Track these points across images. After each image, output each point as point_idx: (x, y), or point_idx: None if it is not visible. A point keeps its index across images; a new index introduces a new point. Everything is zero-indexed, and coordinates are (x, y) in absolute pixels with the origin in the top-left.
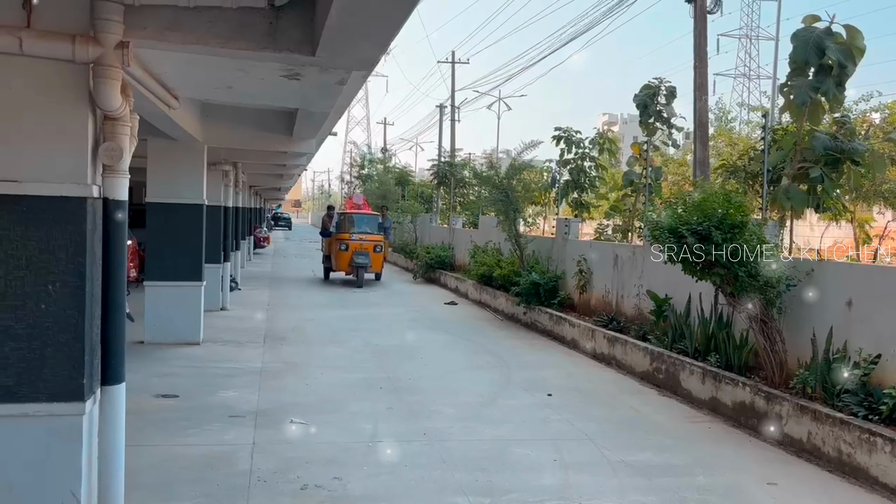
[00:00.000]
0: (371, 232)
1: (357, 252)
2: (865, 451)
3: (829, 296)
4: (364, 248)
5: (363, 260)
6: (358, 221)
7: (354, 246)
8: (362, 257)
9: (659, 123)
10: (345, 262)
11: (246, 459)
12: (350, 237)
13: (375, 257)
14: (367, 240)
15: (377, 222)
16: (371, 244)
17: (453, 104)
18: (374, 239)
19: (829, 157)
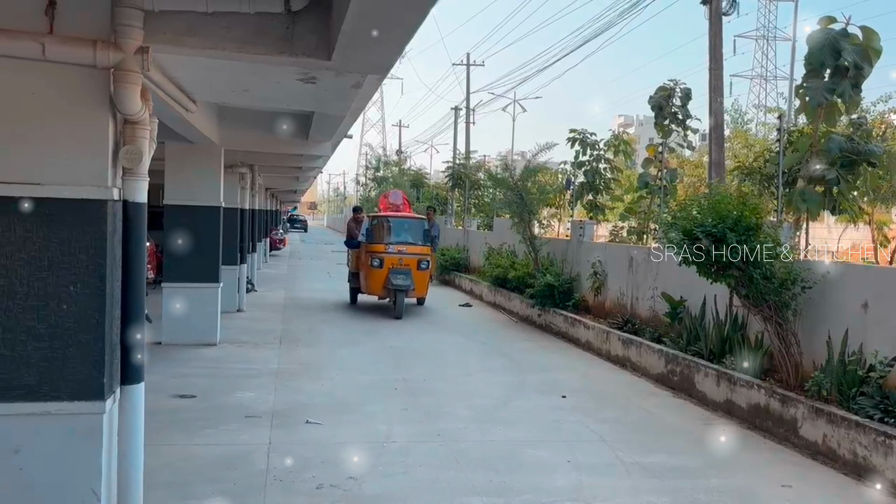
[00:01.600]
0: (414, 242)
1: (394, 270)
2: (881, 453)
3: (845, 298)
4: (404, 264)
5: (402, 281)
6: (396, 228)
7: (391, 261)
8: (401, 277)
9: (674, 125)
10: (377, 284)
11: (262, 459)
12: (385, 249)
13: (419, 277)
14: (409, 252)
15: (422, 228)
16: (414, 259)
17: (468, 106)
18: (418, 251)
19: (844, 159)
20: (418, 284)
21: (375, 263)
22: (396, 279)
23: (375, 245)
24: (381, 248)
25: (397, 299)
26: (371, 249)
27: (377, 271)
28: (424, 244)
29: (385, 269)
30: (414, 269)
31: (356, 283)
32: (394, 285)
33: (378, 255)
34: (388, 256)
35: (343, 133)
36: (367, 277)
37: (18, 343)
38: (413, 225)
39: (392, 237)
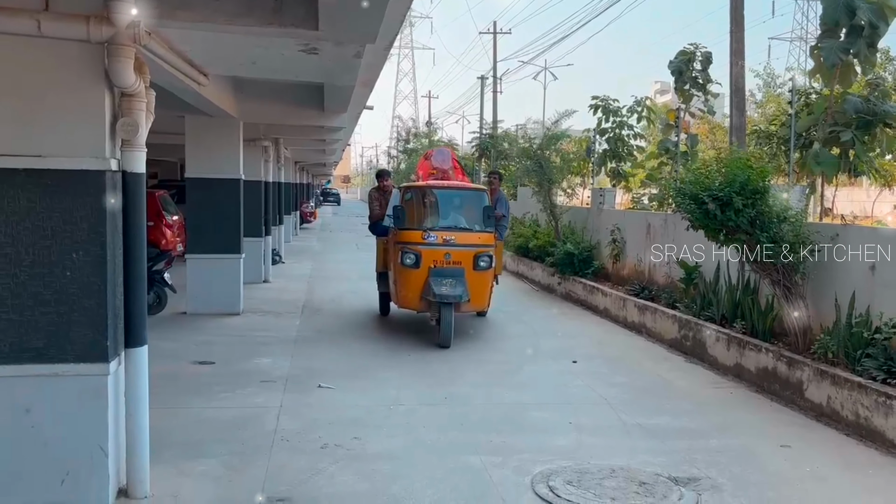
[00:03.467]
0: (469, 227)
1: (438, 272)
2: (882, 414)
3: (853, 260)
4: (453, 261)
5: (450, 288)
6: (442, 204)
7: (433, 257)
8: (448, 282)
9: (695, 90)
10: (412, 292)
11: (272, 421)
12: (423, 238)
13: (477, 281)
14: (461, 243)
15: (482, 205)
16: (468, 253)
17: (495, 75)
18: (476, 241)
19: (860, 120)
20: (476, 292)
21: (409, 261)
22: (441, 286)
23: (408, 232)
24: (416, 236)
25: (442, 318)
26: (402, 239)
27: (411, 273)
28: (485, 229)
29: (423, 269)
30: (469, 268)
31: (386, 286)
32: (437, 295)
33: (412, 247)
34: (427, 250)
35: (360, 104)
36: (397, 282)
37: (26, 308)
38: (468, 199)
39: (435, 219)
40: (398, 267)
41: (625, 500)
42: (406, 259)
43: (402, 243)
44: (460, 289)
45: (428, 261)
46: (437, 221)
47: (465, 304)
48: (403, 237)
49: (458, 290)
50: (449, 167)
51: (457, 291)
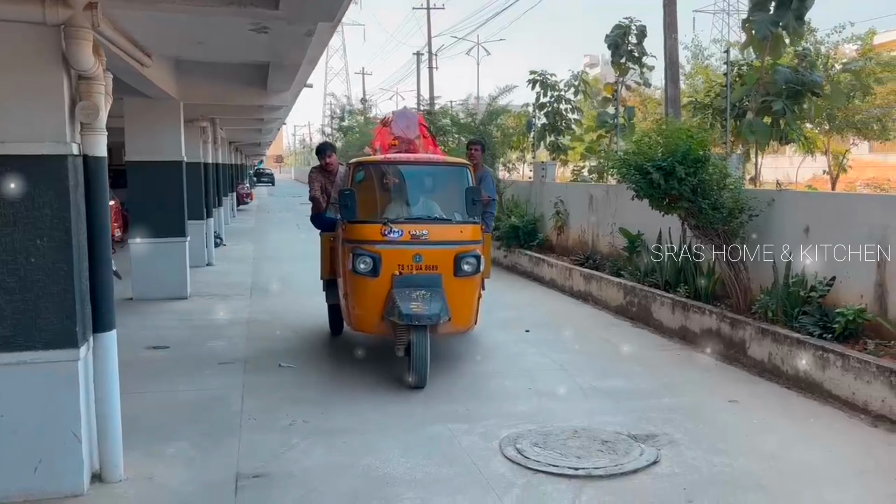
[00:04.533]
0: (447, 217)
1: (404, 280)
2: (819, 367)
3: (789, 224)
4: (426, 266)
5: (422, 304)
6: (410, 184)
7: (397, 261)
8: (420, 295)
9: (630, 63)
10: (370, 310)
11: (237, 401)
12: (385, 233)
13: (460, 290)
14: (436, 240)
15: (464, 186)
16: (448, 252)
17: (430, 51)
18: (458, 236)
19: (790, 90)
20: (459, 306)
21: (363, 267)
22: (410, 301)
23: (361, 226)
24: (373, 231)
25: (414, 348)
26: (353, 235)
27: (367, 284)
28: (469, 220)
29: (385, 278)
30: (448, 274)
31: (336, 296)
32: (405, 316)
33: (367, 247)
34: (389, 250)
35: (302, 82)
36: (348, 296)
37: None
38: (445, 178)
39: (400, 207)
40: (349, 275)
41: (589, 458)
42: (359, 264)
43: (354, 242)
44: (437, 304)
45: (391, 266)
46: (402, 210)
47: (444, 325)
48: (355, 233)
49: (433, 306)
50: (416, 136)
51: (432, 308)
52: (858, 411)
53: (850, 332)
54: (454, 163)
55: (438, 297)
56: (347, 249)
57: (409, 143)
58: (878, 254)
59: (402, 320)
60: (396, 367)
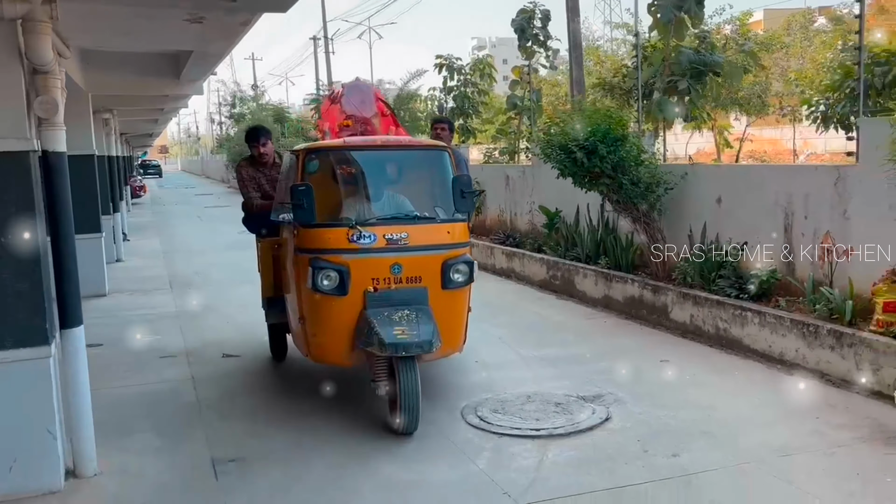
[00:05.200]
0: (429, 216)
1: (379, 298)
2: (738, 324)
3: (702, 195)
4: (407, 277)
5: (407, 328)
6: (378, 176)
7: (369, 273)
8: (402, 316)
9: (536, 47)
10: (337, 337)
11: (190, 392)
12: (353, 238)
13: (449, 305)
14: (418, 244)
15: (446, 173)
16: (435, 259)
17: (326, 35)
18: (445, 238)
19: (693, 70)
20: (448, 325)
21: (326, 283)
22: (390, 324)
23: (321, 231)
24: (337, 237)
25: (401, 384)
26: (310, 243)
27: (332, 304)
28: (455, 217)
29: (355, 296)
30: (435, 286)
31: (278, 316)
32: (387, 344)
33: (331, 257)
34: (359, 261)
35: (213, 71)
36: (306, 320)
37: None
38: (422, 166)
39: (368, 205)
40: (307, 294)
41: (547, 419)
42: (321, 280)
43: (312, 251)
44: (427, 327)
45: (362, 280)
46: (372, 209)
47: (433, 350)
48: (313, 240)
49: (423, 329)
50: (373, 113)
51: (422, 333)
52: (776, 362)
53: (764, 291)
54: (432, 146)
55: (426, 318)
56: (303, 261)
57: (364, 123)
58: (785, 219)
59: (385, 350)
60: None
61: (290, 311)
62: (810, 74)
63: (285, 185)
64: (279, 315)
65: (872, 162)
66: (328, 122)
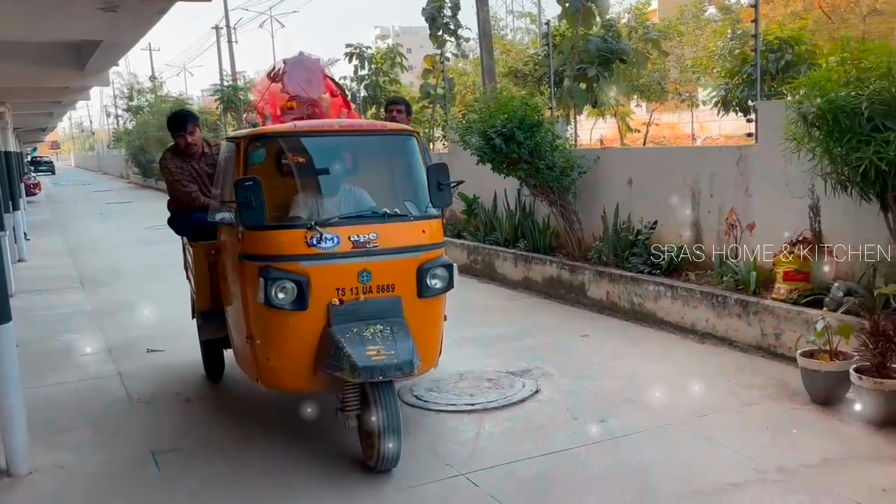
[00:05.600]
0: (401, 213)
1: (346, 312)
2: (652, 299)
3: (614, 177)
4: (377, 286)
5: (382, 346)
6: (340, 167)
7: (332, 282)
8: (374, 331)
9: (447, 35)
10: (296, 359)
11: (119, 388)
12: (312, 241)
13: (425, 315)
14: (389, 247)
15: (416, 163)
16: (409, 263)
17: (228, 24)
18: (420, 237)
19: (601, 58)
20: (424, 338)
21: (281, 297)
22: (362, 343)
23: (272, 234)
24: (292, 240)
25: (380, 414)
26: (259, 248)
27: (288, 320)
28: (428, 213)
29: (316, 310)
30: (409, 295)
31: (215, 331)
32: (360, 368)
33: (286, 265)
34: (321, 268)
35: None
36: (255, 339)
37: None
38: (387, 154)
39: (327, 202)
40: (257, 310)
41: (481, 395)
42: (275, 293)
43: (262, 258)
44: (405, 344)
45: (325, 291)
46: (332, 206)
47: (411, 369)
48: (263, 245)
49: (401, 347)
50: (321, 93)
51: (401, 352)
52: (688, 332)
53: (674, 266)
54: (399, 131)
55: (403, 333)
56: (251, 270)
57: (311, 105)
58: (692, 197)
59: (358, 376)
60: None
61: (233, 328)
62: (705, 62)
63: (223, 179)
64: (216, 330)
65: (770, 142)
66: (269, 105)
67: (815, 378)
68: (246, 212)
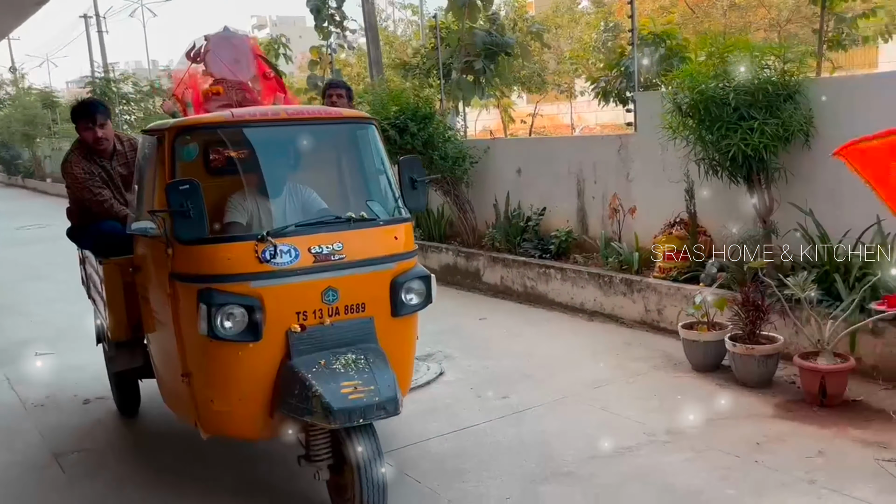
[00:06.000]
0: (370, 217)
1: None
2: (543, 281)
3: (504, 167)
4: (344, 306)
5: (360, 385)
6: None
7: (292, 306)
8: (347, 362)
9: (332, 27)
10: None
11: (8, 393)
12: (265, 256)
13: (399, 336)
14: (357, 259)
15: (374, 151)
16: (381, 276)
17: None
18: (392, 246)
19: (488, 51)
20: (399, 366)
21: (228, 325)
22: (335, 379)
23: (217, 249)
24: (240, 255)
25: (360, 467)
26: (198, 267)
27: (238, 354)
28: (399, 215)
29: (272, 340)
30: (383, 314)
31: (128, 360)
32: (338, 411)
33: (231, 286)
34: (277, 288)
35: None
36: (199, 380)
37: None
38: (346, 144)
39: (282, 206)
40: (196, 342)
41: None
42: (221, 321)
43: (201, 278)
44: (383, 375)
45: (282, 316)
46: (284, 211)
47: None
48: (202, 262)
49: (379, 380)
50: (252, 75)
51: (381, 386)
52: (578, 311)
53: (563, 250)
54: (358, 118)
55: (380, 362)
56: (187, 293)
57: (241, 90)
58: (577, 184)
59: (334, 420)
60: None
61: (161, 362)
62: (582, 54)
63: (143, 182)
64: (131, 359)
65: (648, 131)
66: (189, 89)
67: (695, 348)
68: (181, 223)
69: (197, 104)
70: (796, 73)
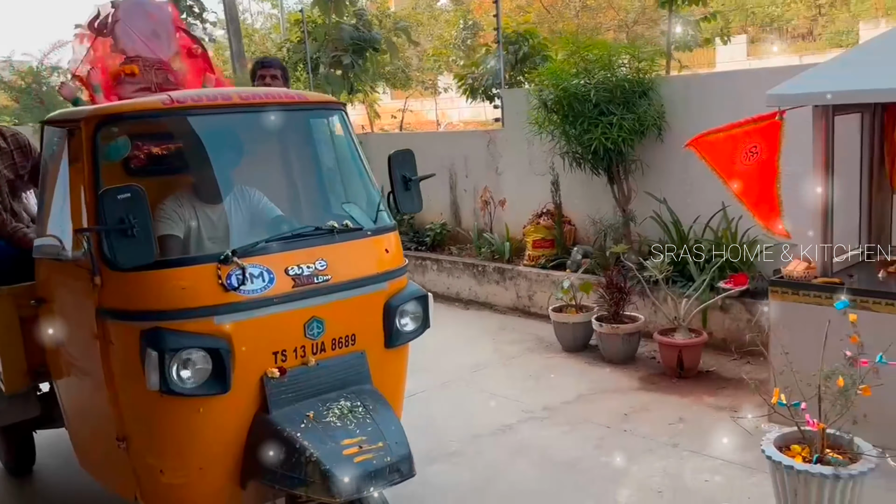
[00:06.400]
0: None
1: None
2: (420, 272)
3: (377, 162)
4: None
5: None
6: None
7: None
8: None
9: (192, 19)
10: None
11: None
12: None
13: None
14: (343, 280)
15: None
16: (372, 299)
17: None
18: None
19: (355, 46)
20: (391, 396)
21: (186, 375)
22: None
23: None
24: (199, 284)
25: None
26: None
27: (202, 410)
28: (385, 223)
29: (243, 390)
30: (373, 346)
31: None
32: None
33: (189, 324)
34: (247, 323)
35: None
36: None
37: None
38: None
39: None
40: (138, 397)
41: None
42: (176, 371)
43: (145, 315)
44: (389, 425)
45: (256, 359)
46: (247, 223)
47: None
48: (146, 294)
49: (386, 431)
50: (174, 52)
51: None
52: (454, 300)
53: (438, 242)
54: (323, 103)
55: (382, 407)
56: (124, 335)
57: (161, 70)
58: (450, 178)
59: (341, 493)
60: None
61: (76, 417)
62: (444, 51)
63: (47, 188)
64: (27, 409)
65: (515, 126)
66: (95, 69)
67: (565, 330)
68: (121, 244)
69: (107, 88)
70: (649, 71)
